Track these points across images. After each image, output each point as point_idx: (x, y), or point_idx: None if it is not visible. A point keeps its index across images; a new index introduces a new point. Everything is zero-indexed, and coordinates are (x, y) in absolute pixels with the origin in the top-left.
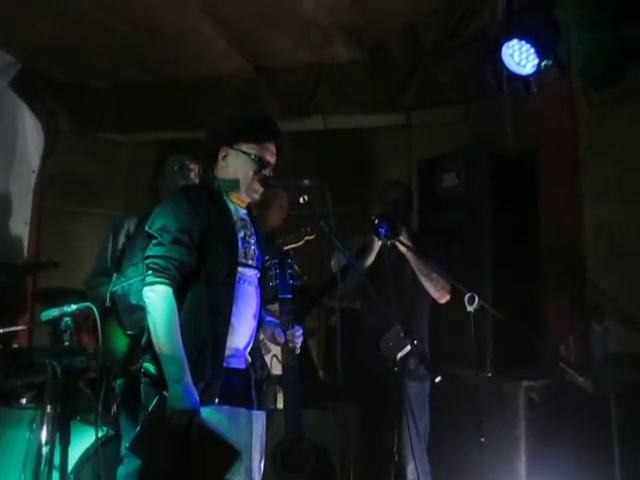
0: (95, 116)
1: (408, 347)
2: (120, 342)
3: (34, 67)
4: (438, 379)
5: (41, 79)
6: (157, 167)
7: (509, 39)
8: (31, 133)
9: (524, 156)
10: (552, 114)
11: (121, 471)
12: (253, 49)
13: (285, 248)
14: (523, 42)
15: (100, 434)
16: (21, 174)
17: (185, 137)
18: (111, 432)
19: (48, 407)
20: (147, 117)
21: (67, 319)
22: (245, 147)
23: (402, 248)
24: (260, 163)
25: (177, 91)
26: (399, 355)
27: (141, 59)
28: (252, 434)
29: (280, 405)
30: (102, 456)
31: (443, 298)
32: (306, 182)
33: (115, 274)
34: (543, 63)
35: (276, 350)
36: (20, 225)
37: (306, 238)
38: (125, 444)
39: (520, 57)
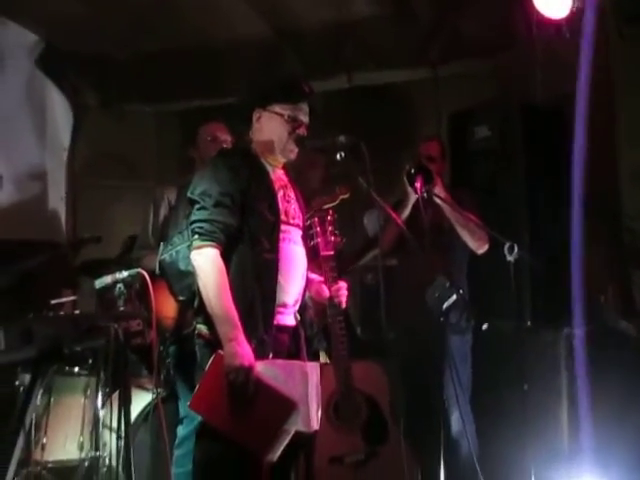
0: (119, 88)
1: (454, 297)
2: (170, 308)
3: (56, 44)
4: (485, 326)
5: (64, 55)
6: (189, 137)
7: None
8: (59, 110)
9: (556, 104)
10: (585, 58)
11: (181, 431)
12: (274, 10)
13: (323, 207)
14: None
15: (152, 397)
16: (53, 151)
17: (211, 104)
18: (163, 393)
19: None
20: (170, 86)
21: (120, 285)
22: (278, 108)
23: (438, 200)
24: (294, 123)
25: (199, 58)
26: (445, 305)
27: (161, 27)
28: (307, 384)
29: (327, 360)
30: (163, 413)
31: (481, 248)
32: (342, 139)
33: (162, 243)
34: (575, 5)
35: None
36: (57, 201)
37: (341, 197)
38: (184, 406)
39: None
